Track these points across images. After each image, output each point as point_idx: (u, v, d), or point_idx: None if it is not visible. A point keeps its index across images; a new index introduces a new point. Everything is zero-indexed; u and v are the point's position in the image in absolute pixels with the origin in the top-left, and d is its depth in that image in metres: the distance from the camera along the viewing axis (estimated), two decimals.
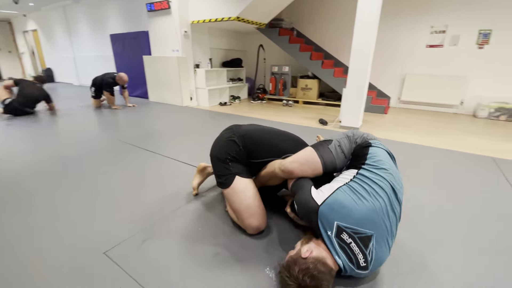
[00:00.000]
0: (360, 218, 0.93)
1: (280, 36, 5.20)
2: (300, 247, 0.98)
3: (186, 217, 1.47)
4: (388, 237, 0.95)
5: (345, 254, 0.93)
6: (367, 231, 0.92)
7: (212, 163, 1.43)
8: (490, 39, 4.13)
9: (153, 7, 4.68)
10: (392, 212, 0.97)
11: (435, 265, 1.13)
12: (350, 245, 0.92)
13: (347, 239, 0.92)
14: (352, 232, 0.92)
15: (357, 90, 3.28)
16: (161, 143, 2.79)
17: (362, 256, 0.92)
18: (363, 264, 0.92)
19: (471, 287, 1.02)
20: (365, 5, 2.98)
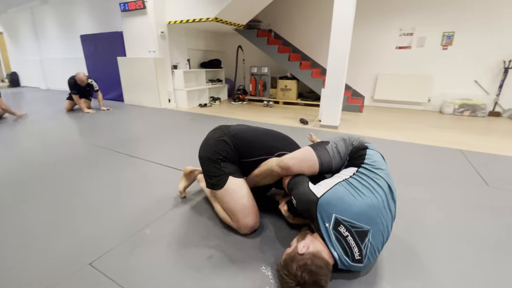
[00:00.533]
0: (358, 213, 0.96)
1: (259, 38, 5.24)
2: (296, 243, 1.00)
3: (174, 221, 1.43)
4: (384, 233, 0.99)
5: (341, 247, 0.96)
6: (364, 225, 0.95)
7: (202, 164, 1.40)
8: (453, 41, 4.48)
9: (127, 7, 4.51)
10: (388, 210, 1.01)
11: (422, 254, 1.20)
12: (347, 238, 0.95)
13: (344, 232, 0.95)
14: (349, 225, 0.95)
15: (335, 90, 3.40)
16: (141, 147, 2.69)
17: (357, 250, 0.95)
18: (358, 257, 0.95)
19: (455, 271, 1.10)
20: (340, 11, 3.09)
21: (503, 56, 4.20)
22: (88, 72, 5.79)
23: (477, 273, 1.09)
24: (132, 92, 5.04)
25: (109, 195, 1.72)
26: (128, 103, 5.20)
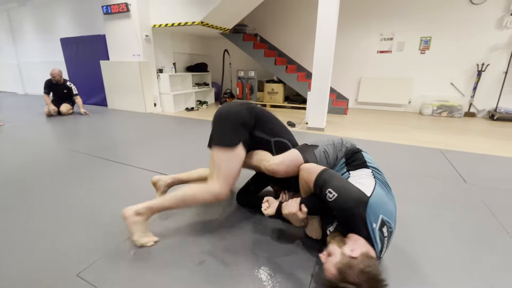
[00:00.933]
0: (393, 214, 0.98)
1: (245, 42, 5.28)
2: (340, 250, 0.90)
3: (162, 227, 1.41)
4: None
5: (380, 247, 0.95)
6: (393, 227, 0.98)
7: (219, 122, 1.35)
8: (430, 45, 4.70)
9: (110, 10, 4.42)
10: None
11: (407, 246, 1.25)
12: (385, 239, 0.95)
13: (385, 233, 0.94)
14: (389, 226, 0.95)
15: (320, 94, 3.48)
16: (125, 152, 2.63)
17: (385, 250, 0.97)
18: (380, 256, 0.97)
19: (434, 259, 1.16)
20: (324, 18, 3.18)
21: (476, 60, 4.46)
22: (69, 76, 5.60)
23: (456, 260, 1.15)
24: (116, 96, 4.92)
25: (94, 203, 1.67)
26: (112, 108, 5.07)
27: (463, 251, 1.24)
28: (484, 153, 2.67)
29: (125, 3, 4.23)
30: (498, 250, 1.25)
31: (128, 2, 4.24)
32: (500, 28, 4.25)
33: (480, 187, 1.91)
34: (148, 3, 4.40)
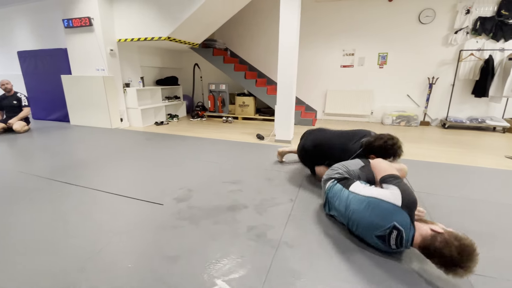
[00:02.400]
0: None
1: (215, 56, 5.35)
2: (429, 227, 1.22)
3: (120, 255, 1.37)
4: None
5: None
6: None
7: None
8: (387, 60, 5.07)
9: (72, 24, 4.29)
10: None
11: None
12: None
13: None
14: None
15: (285, 108, 3.59)
16: (86, 174, 2.52)
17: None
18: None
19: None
20: (285, 39, 3.34)
21: (428, 74, 4.88)
22: (28, 91, 5.30)
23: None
24: (79, 112, 4.72)
25: (47, 232, 1.57)
26: (75, 124, 4.84)
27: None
28: (435, 161, 2.89)
29: (87, 17, 4.14)
30: None
31: (91, 16, 4.15)
32: (446, 45, 4.71)
33: (430, 194, 2.06)
34: (113, 17, 4.34)
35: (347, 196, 1.50)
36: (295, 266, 1.29)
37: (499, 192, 2.12)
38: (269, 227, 1.62)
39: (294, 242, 1.47)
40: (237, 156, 3.05)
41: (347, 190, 1.52)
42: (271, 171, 2.56)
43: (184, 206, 1.87)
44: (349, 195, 1.48)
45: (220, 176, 2.43)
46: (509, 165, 2.80)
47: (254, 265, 1.29)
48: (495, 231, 1.58)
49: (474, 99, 4.73)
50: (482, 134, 4.36)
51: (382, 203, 1.30)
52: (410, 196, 1.28)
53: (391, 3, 4.82)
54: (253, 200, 1.96)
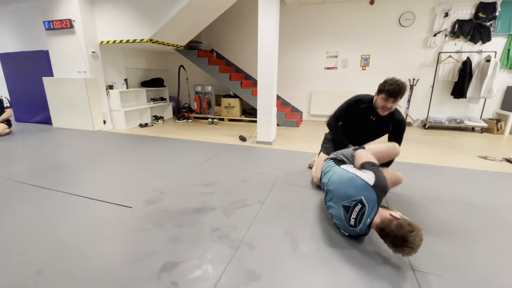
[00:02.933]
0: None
1: (200, 58, 5.37)
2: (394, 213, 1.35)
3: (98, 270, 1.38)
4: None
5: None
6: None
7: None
8: (370, 62, 5.15)
9: (52, 26, 4.26)
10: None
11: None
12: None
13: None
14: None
15: (266, 110, 3.62)
16: (65, 178, 2.50)
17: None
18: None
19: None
20: (264, 40, 3.37)
21: (408, 75, 4.97)
22: (11, 93, 5.24)
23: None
24: (62, 114, 4.68)
25: (20, 239, 1.57)
26: (57, 127, 4.80)
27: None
28: (406, 161, 2.95)
29: (68, 20, 4.11)
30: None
31: (72, 19, 4.13)
32: (426, 47, 4.81)
33: (389, 194, 2.12)
34: (95, 20, 4.33)
35: (335, 170, 1.68)
36: (253, 266, 1.32)
37: (465, 191, 2.18)
38: (233, 228, 1.64)
39: (255, 242, 1.50)
40: (216, 158, 3.07)
41: (338, 167, 1.70)
42: (247, 173, 2.59)
43: (153, 208, 1.89)
44: (336, 170, 1.67)
45: (194, 178, 2.45)
46: (480, 165, 2.89)
47: (210, 266, 1.31)
48: (453, 229, 1.64)
49: (453, 100, 4.84)
50: (460, 134, 4.47)
51: (358, 179, 1.48)
52: (382, 182, 1.44)
53: (373, 7, 4.90)
54: (223, 202, 1.99)
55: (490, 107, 4.75)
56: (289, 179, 2.45)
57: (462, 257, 1.38)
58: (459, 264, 1.34)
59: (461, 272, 1.28)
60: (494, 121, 4.49)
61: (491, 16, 4.45)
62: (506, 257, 1.39)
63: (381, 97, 2.01)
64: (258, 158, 3.09)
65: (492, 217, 1.79)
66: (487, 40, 4.55)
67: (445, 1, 4.56)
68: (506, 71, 4.58)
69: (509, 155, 3.24)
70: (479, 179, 2.47)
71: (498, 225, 1.69)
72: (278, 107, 5.37)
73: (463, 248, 1.46)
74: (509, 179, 2.47)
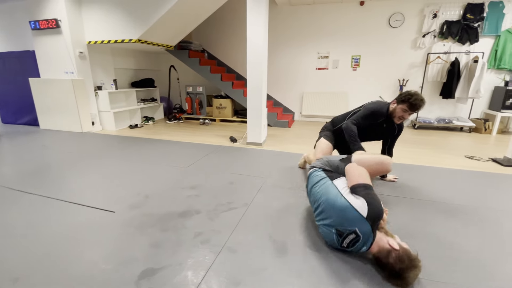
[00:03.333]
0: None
1: (191, 58, 5.32)
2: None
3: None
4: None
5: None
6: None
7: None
8: (360, 63, 5.18)
9: (38, 26, 4.18)
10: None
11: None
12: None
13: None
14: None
15: (255, 111, 3.61)
16: (44, 181, 2.46)
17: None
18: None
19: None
20: (253, 41, 3.36)
21: (398, 76, 5.01)
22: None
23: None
24: (49, 116, 4.59)
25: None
26: (44, 128, 4.71)
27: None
28: (396, 162, 2.97)
29: (55, 19, 4.04)
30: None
31: (59, 18, 4.05)
32: (415, 48, 4.86)
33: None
34: (82, 19, 4.25)
35: (327, 187, 1.54)
36: (234, 272, 1.30)
37: (448, 192, 2.21)
38: (217, 232, 1.63)
39: (238, 247, 1.49)
40: (205, 159, 3.05)
41: (330, 181, 1.57)
42: (235, 175, 2.58)
43: (137, 213, 1.86)
44: (329, 187, 1.53)
45: (181, 181, 2.43)
46: (466, 165, 2.92)
47: (191, 273, 1.30)
48: (435, 231, 1.65)
49: (442, 100, 4.90)
50: (449, 134, 4.52)
51: (352, 209, 1.35)
52: (375, 210, 1.32)
53: (363, 7, 4.93)
54: (208, 205, 1.97)
55: (478, 107, 4.82)
56: (277, 181, 2.45)
57: (445, 260, 1.39)
58: (442, 266, 1.34)
59: (443, 275, 1.29)
60: (482, 121, 4.56)
61: (478, 17, 4.51)
62: (490, 259, 1.40)
63: (401, 107, 2.07)
64: (247, 160, 3.08)
65: (474, 218, 1.81)
66: (475, 41, 4.61)
67: (433, 2, 4.61)
68: (494, 72, 4.65)
69: (496, 154, 3.29)
70: (464, 179, 2.50)
71: (481, 226, 1.71)
72: (270, 108, 5.37)
73: (445, 250, 1.47)
74: (493, 179, 2.51)
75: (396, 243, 1.26)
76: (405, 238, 1.47)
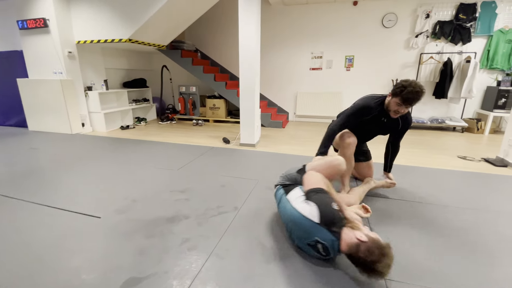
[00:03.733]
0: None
1: (183, 58, 5.25)
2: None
3: None
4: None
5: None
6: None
7: None
8: (354, 63, 5.17)
9: (26, 25, 4.07)
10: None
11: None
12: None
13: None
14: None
15: (248, 112, 3.57)
16: (29, 185, 2.38)
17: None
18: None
19: None
20: (245, 42, 3.31)
21: (391, 76, 5.01)
22: None
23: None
24: (37, 117, 4.48)
25: None
26: (33, 130, 4.60)
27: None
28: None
29: (42, 18, 3.94)
30: None
31: (47, 18, 3.95)
32: (408, 48, 4.86)
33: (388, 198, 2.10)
34: (71, 19, 4.16)
35: (284, 204, 1.54)
36: (221, 280, 1.26)
37: (440, 193, 2.19)
38: (205, 238, 1.58)
39: (226, 254, 1.44)
40: (197, 161, 2.99)
41: (285, 197, 1.56)
42: (227, 177, 2.53)
43: (123, 218, 1.80)
44: (286, 204, 1.52)
45: (171, 184, 2.37)
46: (459, 165, 2.92)
47: (176, 282, 1.25)
48: (425, 233, 1.63)
49: (435, 100, 4.91)
50: (442, 134, 4.53)
51: (304, 220, 1.33)
52: (327, 213, 1.29)
53: (356, 7, 4.92)
54: (197, 209, 1.92)
55: (471, 107, 4.85)
56: (269, 183, 2.40)
57: (433, 264, 1.37)
58: (430, 271, 1.32)
59: (431, 279, 1.26)
60: (475, 120, 4.58)
61: (471, 17, 4.53)
62: (480, 264, 1.38)
63: (395, 101, 1.84)
64: (240, 162, 3.04)
65: (465, 220, 1.79)
66: (467, 41, 4.62)
67: (426, 2, 4.61)
68: (486, 72, 4.67)
69: (488, 154, 3.30)
70: (456, 180, 2.49)
71: (470, 229, 1.69)
72: (264, 108, 5.33)
73: (434, 254, 1.45)
74: (485, 180, 2.50)
75: (364, 234, 1.20)
76: (394, 239, 1.44)
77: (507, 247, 1.51)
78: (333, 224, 1.27)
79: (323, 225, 1.26)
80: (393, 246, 1.46)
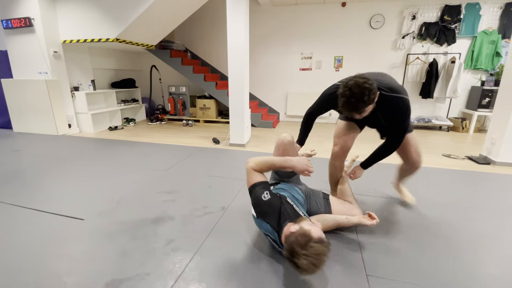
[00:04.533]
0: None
1: (172, 58, 5.22)
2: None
3: None
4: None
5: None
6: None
7: None
8: (343, 64, 5.23)
9: (11, 24, 3.98)
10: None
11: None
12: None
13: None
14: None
15: (237, 113, 3.57)
16: (20, 189, 2.31)
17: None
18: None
19: None
20: (233, 41, 3.32)
21: None
22: None
23: None
24: (23, 118, 4.38)
25: None
26: (18, 131, 4.49)
27: None
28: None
29: (27, 18, 3.85)
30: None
31: (31, 17, 3.87)
32: (395, 49, 4.95)
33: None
34: (56, 18, 4.08)
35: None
36: (205, 281, 1.26)
37: (424, 191, 2.24)
38: (189, 239, 1.57)
39: (210, 255, 1.44)
40: (185, 162, 2.98)
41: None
42: (214, 178, 2.53)
43: (107, 220, 1.78)
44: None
45: (158, 185, 2.35)
46: (444, 163, 2.99)
47: (159, 283, 1.24)
48: (408, 231, 1.66)
49: (422, 100, 5.01)
50: (428, 133, 4.63)
51: (253, 217, 1.42)
52: (258, 206, 1.33)
53: (345, 9, 4.98)
54: (183, 210, 1.91)
55: (456, 107, 4.96)
56: None
57: (416, 261, 1.40)
58: (412, 268, 1.34)
59: (413, 276, 1.29)
60: (460, 119, 4.69)
61: (456, 19, 4.64)
62: (462, 261, 1.41)
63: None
64: (228, 162, 3.03)
65: (448, 217, 1.84)
66: (452, 42, 4.74)
67: (412, 4, 4.71)
68: (471, 72, 4.80)
69: (472, 153, 3.39)
70: (440, 178, 2.55)
71: (452, 225, 1.73)
72: (255, 108, 5.33)
73: (417, 250, 1.48)
74: (468, 177, 2.57)
75: (297, 226, 1.14)
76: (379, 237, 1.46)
77: (488, 242, 1.55)
78: (267, 216, 1.29)
79: (260, 217, 1.32)
80: (375, 242, 1.50)
